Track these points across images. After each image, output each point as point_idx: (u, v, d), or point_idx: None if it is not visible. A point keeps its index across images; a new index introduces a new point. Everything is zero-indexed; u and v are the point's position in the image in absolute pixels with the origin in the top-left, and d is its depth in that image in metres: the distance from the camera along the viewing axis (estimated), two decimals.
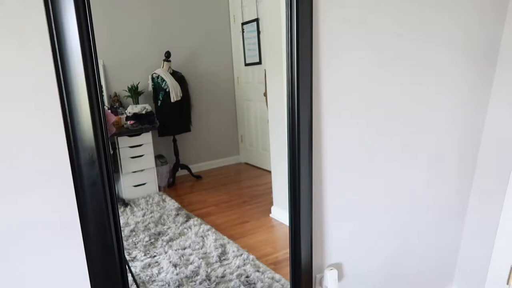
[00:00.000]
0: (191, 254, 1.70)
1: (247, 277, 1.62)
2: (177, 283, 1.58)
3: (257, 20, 2.05)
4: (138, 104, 1.72)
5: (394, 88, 1.45)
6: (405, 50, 1.42)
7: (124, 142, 1.68)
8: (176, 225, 1.82)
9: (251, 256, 1.72)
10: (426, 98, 1.54)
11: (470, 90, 1.65)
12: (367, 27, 1.32)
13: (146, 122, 1.74)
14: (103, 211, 0.99)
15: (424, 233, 1.78)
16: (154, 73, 1.76)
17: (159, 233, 1.75)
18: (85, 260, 1.02)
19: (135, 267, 1.59)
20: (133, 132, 1.71)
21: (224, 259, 1.72)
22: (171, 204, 1.89)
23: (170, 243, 1.72)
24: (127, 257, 1.60)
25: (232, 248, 1.77)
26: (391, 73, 1.42)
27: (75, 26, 0.87)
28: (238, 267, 1.66)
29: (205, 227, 1.85)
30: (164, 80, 1.80)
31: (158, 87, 1.76)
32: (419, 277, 1.86)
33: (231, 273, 1.63)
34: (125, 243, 1.66)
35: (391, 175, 1.57)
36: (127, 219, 1.78)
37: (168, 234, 1.76)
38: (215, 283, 1.59)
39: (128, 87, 1.68)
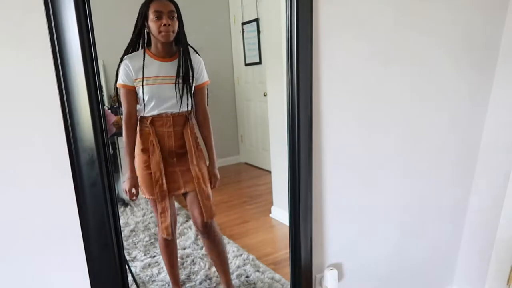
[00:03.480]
0: (191, 254, 1.70)
1: (247, 277, 1.62)
2: None
3: (257, 20, 2.05)
4: None
5: (395, 89, 1.45)
6: (406, 50, 1.42)
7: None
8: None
9: (251, 256, 1.72)
10: (426, 99, 1.54)
11: (470, 90, 1.65)
12: (368, 27, 1.32)
13: None
14: (103, 211, 0.99)
15: (424, 233, 1.78)
16: None
17: None
18: (85, 260, 1.02)
19: (135, 267, 1.59)
20: None
21: None
22: None
23: None
24: (127, 257, 1.60)
25: (232, 248, 1.77)
26: (392, 73, 1.42)
27: (75, 26, 0.87)
28: (238, 267, 1.66)
29: None
30: None
31: None
32: (419, 277, 1.86)
33: (231, 273, 1.63)
34: (125, 243, 1.66)
35: (391, 175, 1.57)
36: (127, 219, 1.78)
37: None
38: (215, 283, 1.59)
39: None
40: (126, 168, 1.41)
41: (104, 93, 1.67)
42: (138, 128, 1.39)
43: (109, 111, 1.67)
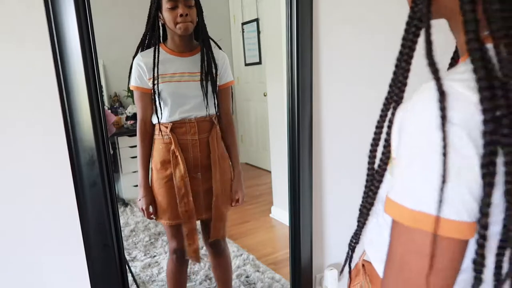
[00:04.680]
0: None
1: (247, 277, 1.62)
2: None
3: (257, 20, 2.05)
4: None
5: None
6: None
7: (124, 142, 1.68)
8: None
9: (251, 256, 1.72)
10: None
11: None
12: (369, 27, 1.32)
13: None
14: (103, 211, 0.99)
15: None
16: None
17: (159, 233, 1.75)
18: (85, 260, 1.02)
19: (135, 267, 1.59)
20: (133, 132, 1.71)
21: None
22: None
23: None
24: (127, 257, 1.60)
25: (232, 248, 1.77)
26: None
27: (75, 26, 0.87)
28: (238, 267, 1.66)
29: None
30: None
31: None
32: None
33: None
34: (125, 243, 1.65)
35: None
36: (127, 219, 1.78)
37: None
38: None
39: (128, 87, 1.68)
40: (140, 184, 1.26)
41: (104, 93, 1.67)
42: (156, 137, 1.22)
43: (109, 111, 1.67)
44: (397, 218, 0.39)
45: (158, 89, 1.15)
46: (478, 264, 0.37)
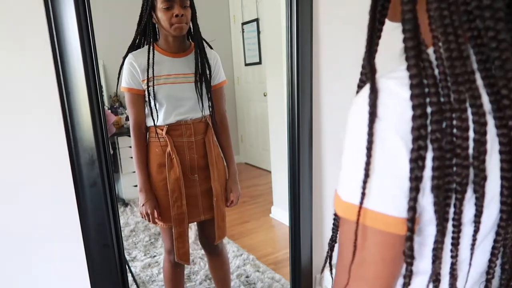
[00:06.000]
0: (191, 254, 1.70)
1: (247, 277, 1.62)
2: None
3: (257, 20, 2.05)
4: None
5: None
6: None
7: (124, 142, 1.68)
8: None
9: (251, 256, 1.72)
10: None
11: None
12: None
13: None
14: (103, 211, 0.99)
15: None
16: None
17: (159, 233, 1.75)
18: (85, 260, 1.02)
19: (135, 267, 1.59)
20: None
21: None
22: None
23: None
24: (127, 257, 1.60)
25: (232, 248, 1.77)
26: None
27: (75, 26, 0.87)
28: (238, 267, 1.66)
29: None
30: None
31: None
32: None
33: (231, 273, 1.63)
34: (125, 243, 1.66)
35: None
36: (127, 219, 1.78)
37: None
38: None
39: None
40: (140, 186, 1.22)
41: (104, 93, 1.67)
42: (151, 140, 1.20)
43: (109, 111, 1.67)
44: (335, 209, 0.40)
45: (153, 91, 1.13)
46: (407, 257, 0.37)
